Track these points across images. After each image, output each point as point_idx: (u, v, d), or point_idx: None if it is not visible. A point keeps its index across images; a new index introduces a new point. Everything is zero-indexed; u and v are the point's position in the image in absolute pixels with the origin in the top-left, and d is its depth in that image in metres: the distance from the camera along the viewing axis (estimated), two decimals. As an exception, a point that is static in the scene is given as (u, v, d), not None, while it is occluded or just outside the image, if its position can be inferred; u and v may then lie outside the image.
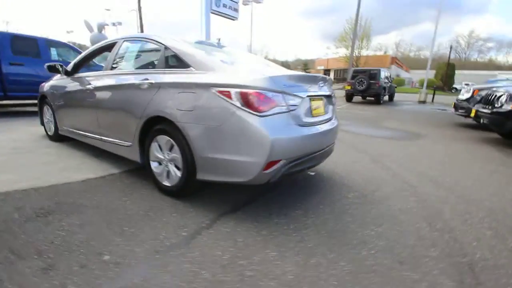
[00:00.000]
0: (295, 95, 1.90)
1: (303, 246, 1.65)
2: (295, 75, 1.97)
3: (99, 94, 2.63)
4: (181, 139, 1.98)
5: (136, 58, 2.53)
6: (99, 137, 2.79)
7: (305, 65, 49.53)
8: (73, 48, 6.22)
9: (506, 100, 4.47)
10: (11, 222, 1.73)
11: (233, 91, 1.75)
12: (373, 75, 12.64)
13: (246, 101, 1.72)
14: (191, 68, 2.01)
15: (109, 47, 2.90)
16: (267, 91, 1.74)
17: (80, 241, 1.58)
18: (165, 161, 2.16)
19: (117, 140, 2.55)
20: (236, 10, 19.28)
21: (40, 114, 3.90)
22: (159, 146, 2.19)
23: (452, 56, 42.98)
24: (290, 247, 1.63)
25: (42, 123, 3.92)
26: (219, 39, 2.70)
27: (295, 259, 1.53)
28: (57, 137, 3.62)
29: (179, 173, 2.07)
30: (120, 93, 2.43)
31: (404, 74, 44.59)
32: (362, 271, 1.45)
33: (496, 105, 4.63)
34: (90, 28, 18.65)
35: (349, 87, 13.14)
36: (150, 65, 2.46)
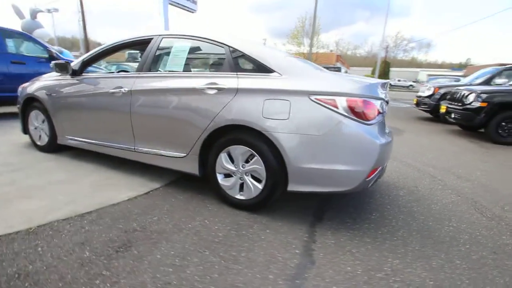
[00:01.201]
0: (386, 102, 1.92)
1: (412, 249, 1.70)
2: (381, 81, 1.99)
3: (138, 99, 2.27)
4: (266, 150, 1.84)
5: (187, 59, 2.24)
6: (131, 147, 2.42)
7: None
8: (33, 39, 5.21)
9: (474, 98, 5.20)
10: (91, 264, 1.40)
11: (338, 99, 1.69)
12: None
13: (353, 110, 1.67)
14: (275, 73, 1.87)
15: (138, 44, 2.53)
16: (373, 99, 1.72)
17: (200, 277, 1.37)
18: (238, 173, 1.99)
19: (164, 151, 2.25)
20: (194, 2, 18.60)
21: (22, 120, 3.20)
22: (230, 157, 2.00)
23: (382, 55, 48.15)
24: (403, 253, 1.66)
25: (26, 132, 3.24)
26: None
27: (418, 264, 1.57)
28: (52, 148, 3.04)
29: (260, 186, 1.93)
30: (173, 98, 2.13)
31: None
32: (476, 267, 1.56)
33: (465, 102, 5.35)
34: (20, 14, 15.79)
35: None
36: (210, 67, 2.22)
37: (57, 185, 2.27)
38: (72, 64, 2.67)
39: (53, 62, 2.61)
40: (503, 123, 4.99)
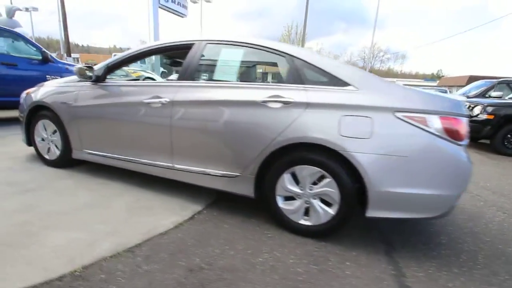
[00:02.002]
0: None
1: (503, 279, 1.57)
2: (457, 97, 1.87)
3: (181, 111, 2.01)
4: (341, 171, 1.66)
5: (237, 67, 2.02)
6: (168, 164, 2.14)
7: (243, 67, 50.14)
8: (25, 39, 4.72)
9: (481, 111, 5.35)
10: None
11: (429, 117, 1.54)
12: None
13: (447, 129, 1.53)
14: (350, 86, 1.70)
15: (175, 49, 2.27)
16: (463, 117, 1.59)
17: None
18: (304, 196, 1.78)
19: (211, 170, 2.00)
20: (185, 7, 18.29)
21: (27, 131, 2.81)
22: (294, 178, 1.79)
23: (360, 65, 49.94)
24: (498, 284, 1.53)
25: (30, 143, 2.84)
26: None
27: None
28: (64, 163, 2.68)
29: (331, 211, 1.73)
30: (226, 111, 1.90)
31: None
32: None
33: (472, 115, 5.48)
34: (-5, 11, 14.74)
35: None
36: (268, 78, 2.01)
37: (85, 210, 1.95)
38: (96, 69, 2.36)
39: (77, 66, 2.29)
40: (509, 135, 5.14)
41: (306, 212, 1.82)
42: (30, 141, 2.83)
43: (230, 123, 1.90)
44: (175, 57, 3.04)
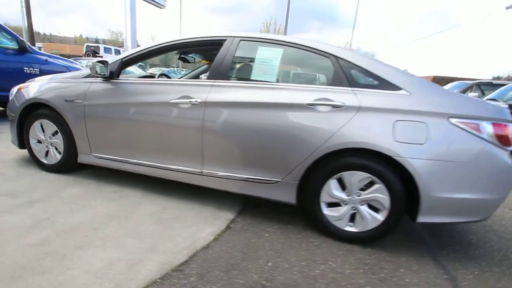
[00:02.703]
0: None
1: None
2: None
3: (215, 113, 1.86)
4: (393, 177, 1.63)
5: (276, 67, 1.89)
6: (196, 170, 1.99)
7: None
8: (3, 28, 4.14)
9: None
10: None
11: (483, 123, 1.56)
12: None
13: (498, 135, 1.56)
14: (402, 90, 1.67)
15: (203, 45, 2.10)
16: (510, 123, 1.62)
17: None
18: (351, 202, 1.74)
19: (247, 176, 1.88)
20: (164, -3, 17.35)
21: (19, 132, 2.46)
22: (341, 184, 1.74)
23: None
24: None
25: (23, 146, 2.49)
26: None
27: None
28: (67, 167, 2.39)
29: (379, 217, 1.70)
30: (267, 114, 1.78)
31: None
32: None
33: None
34: None
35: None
36: (312, 79, 1.90)
37: (110, 223, 1.74)
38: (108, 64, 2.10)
39: (96, 60, 2.02)
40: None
41: (351, 219, 1.78)
42: (22, 143, 2.49)
43: (271, 127, 1.78)
44: (189, 53, 2.82)
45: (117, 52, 18.23)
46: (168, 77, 3.04)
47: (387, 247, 1.79)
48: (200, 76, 3.50)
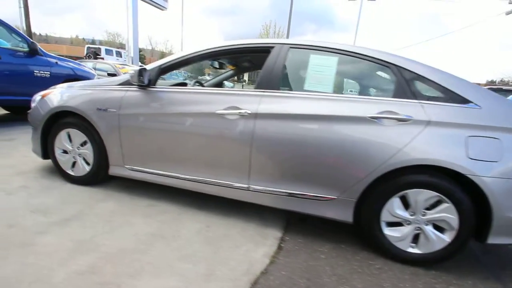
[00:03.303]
0: None
1: None
2: None
3: (266, 125, 1.74)
4: (463, 196, 1.52)
5: (332, 77, 1.77)
6: (243, 185, 1.86)
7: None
8: (8, 26, 3.96)
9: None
10: None
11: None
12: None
13: None
14: (471, 104, 1.57)
15: (247, 52, 1.99)
16: None
17: None
18: (415, 222, 1.63)
19: (301, 192, 1.76)
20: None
21: (42, 141, 2.30)
22: (404, 202, 1.63)
23: None
24: None
25: (47, 156, 2.34)
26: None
27: None
28: (96, 179, 2.25)
29: (445, 237, 1.60)
30: (324, 126, 1.67)
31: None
32: None
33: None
34: None
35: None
36: (368, 91, 1.80)
37: (154, 244, 1.60)
38: (146, 70, 1.96)
39: (138, 68, 1.88)
40: None
41: (414, 239, 1.67)
42: (46, 153, 2.34)
43: (329, 141, 1.67)
44: (221, 60, 2.70)
45: (118, 54, 17.97)
46: (202, 84, 2.87)
47: (449, 268, 1.68)
48: (223, 82, 3.39)
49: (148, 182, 2.10)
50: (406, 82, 1.66)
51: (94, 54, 14.81)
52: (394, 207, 1.64)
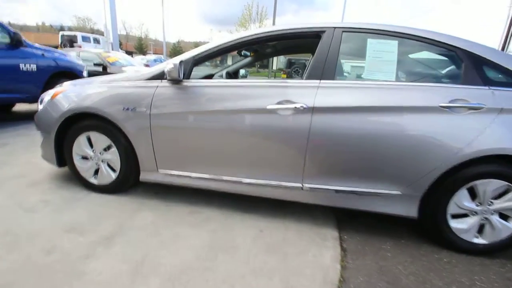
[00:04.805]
0: None
1: None
2: None
3: (325, 119, 1.59)
4: (531, 184, 1.48)
5: (393, 63, 1.62)
6: (296, 185, 1.73)
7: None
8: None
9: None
10: None
11: None
12: (305, 64, 13.58)
13: None
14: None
15: (291, 38, 1.80)
16: None
17: None
18: (482, 213, 1.58)
19: (361, 189, 1.66)
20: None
21: (57, 147, 2.03)
22: (472, 193, 1.57)
23: None
24: None
25: (63, 163, 2.08)
26: (211, 30, 2.06)
27: None
28: (124, 187, 2.04)
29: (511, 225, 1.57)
30: (386, 118, 1.55)
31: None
32: None
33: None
34: None
35: (285, 76, 13.58)
36: (432, 77, 1.66)
37: (217, 258, 1.45)
38: (174, 63, 1.73)
39: (174, 62, 1.64)
40: None
41: (479, 230, 1.63)
42: (61, 161, 2.08)
43: (394, 133, 1.56)
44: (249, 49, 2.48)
45: (96, 41, 16.67)
46: (235, 76, 2.59)
47: (508, 255, 1.67)
48: (240, 71, 3.16)
49: (184, 187, 1.93)
50: (475, 68, 1.55)
51: (70, 42, 13.65)
52: (461, 199, 1.58)
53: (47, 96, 2.08)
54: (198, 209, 1.94)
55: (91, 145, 2.00)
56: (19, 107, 4.92)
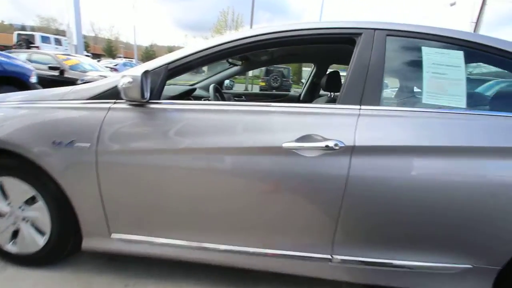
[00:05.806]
0: None
1: None
2: None
3: (367, 163, 1.05)
4: None
5: (460, 83, 1.14)
6: (323, 255, 1.17)
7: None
8: None
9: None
10: None
11: None
12: (283, 73, 13.29)
13: None
14: None
15: (321, 41, 1.26)
16: None
17: None
18: None
19: (418, 263, 1.13)
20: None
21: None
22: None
23: None
24: None
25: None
26: (186, 36, 1.60)
27: None
28: (55, 256, 1.36)
29: None
30: (459, 163, 1.05)
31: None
32: None
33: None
34: None
35: (263, 84, 13.20)
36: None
37: None
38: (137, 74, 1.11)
39: (134, 73, 1.02)
40: None
41: None
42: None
43: (468, 186, 1.05)
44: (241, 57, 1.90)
45: (58, 42, 15.07)
46: (220, 86, 1.91)
47: None
48: (225, 82, 2.57)
49: (148, 257, 1.29)
50: None
51: (27, 42, 12.14)
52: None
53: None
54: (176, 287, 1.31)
55: (5, 196, 1.30)
56: None
